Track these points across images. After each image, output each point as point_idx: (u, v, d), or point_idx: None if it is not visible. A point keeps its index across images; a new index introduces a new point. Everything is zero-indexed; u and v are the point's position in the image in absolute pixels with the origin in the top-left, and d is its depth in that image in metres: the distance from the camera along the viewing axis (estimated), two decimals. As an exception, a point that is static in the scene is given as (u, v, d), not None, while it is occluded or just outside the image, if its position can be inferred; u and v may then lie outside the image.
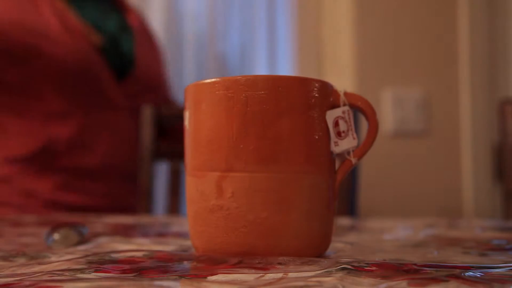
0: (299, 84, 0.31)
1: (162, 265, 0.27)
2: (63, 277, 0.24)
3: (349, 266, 0.26)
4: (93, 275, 0.25)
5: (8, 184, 0.85)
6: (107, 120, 0.89)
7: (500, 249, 0.35)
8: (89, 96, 0.87)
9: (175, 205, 0.93)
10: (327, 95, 0.32)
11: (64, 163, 0.86)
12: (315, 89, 0.31)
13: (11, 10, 0.83)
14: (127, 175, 0.92)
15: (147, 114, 0.90)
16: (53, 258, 0.30)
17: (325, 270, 0.25)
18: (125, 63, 0.93)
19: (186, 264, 0.28)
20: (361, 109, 0.32)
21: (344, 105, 0.32)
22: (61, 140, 0.85)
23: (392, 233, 0.46)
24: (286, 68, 1.37)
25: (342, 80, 1.31)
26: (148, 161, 0.89)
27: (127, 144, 0.92)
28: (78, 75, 0.85)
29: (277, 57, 1.38)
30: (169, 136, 0.99)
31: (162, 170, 1.12)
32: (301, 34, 1.38)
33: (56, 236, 0.37)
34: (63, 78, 0.85)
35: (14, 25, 0.81)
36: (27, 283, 0.23)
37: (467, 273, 0.25)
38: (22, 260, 0.30)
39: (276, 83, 0.30)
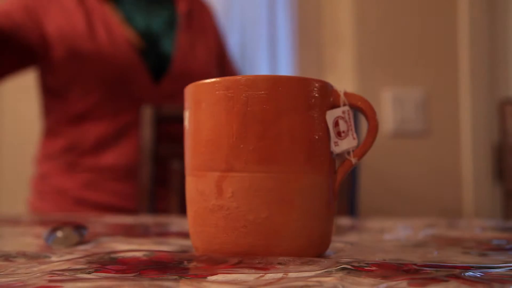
0: (299, 84, 0.31)
1: (162, 265, 0.27)
2: (63, 277, 0.24)
3: (349, 266, 0.26)
4: (93, 275, 0.25)
5: (47, 180, 0.91)
6: (137, 121, 0.89)
7: (500, 249, 0.35)
8: (122, 99, 0.88)
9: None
10: (327, 95, 0.32)
11: (90, 163, 0.88)
12: (315, 89, 0.31)
13: (62, 22, 0.86)
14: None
15: (147, 114, 0.90)
16: (53, 258, 0.30)
17: (325, 270, 0.25)
18: (164, 62, 0.92)
19: (186, 264, 0.28)
20: (361, 109, 0.32)
21: (344, 105, 0.32)
22: (88, 140, 0.88)
23: (392, 233, 0.46)
24: (286, 68, 1.37)
25: (342, 80, 1.31)
26: (148, 161, 0.89)
27: None
28: (114, 80, 0.87)
29: (277, 57, 1.38)
30: None
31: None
32: (302, 34, 1.38)
33: (56, 236, 0.37)
34: (99, 82, 0.87)
35: (63, 35, 0.85)
36: (27, 283, 0.23)
37: (467, 273, 0.25)
38: (22, 260, 0.30)
39: (276, 83, 0.30)
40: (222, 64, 1.06)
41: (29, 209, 0.93)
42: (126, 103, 0.89)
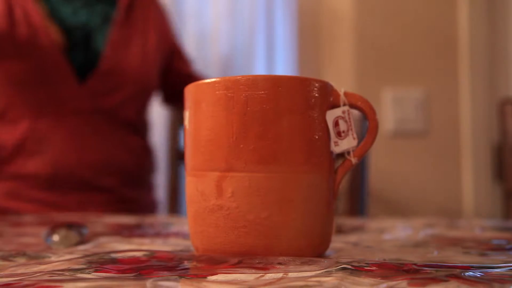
0: (299, 84, 0.31)
1: (162, 265, 0.27)
2: (63, 277, 0.24)
3: (349, 266, 0.26)
4: (93, 275, 0.25)
5: None
6: (60, 124, 0.82)
7: (500, 249, 0.35)
8: (41, 100, 0.81)
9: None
10: (327, 95, 0.32)
11: (11, 170, 0.82)
12: (315, 89, 0.31)
13: None
14: (89, 185, 0.84)
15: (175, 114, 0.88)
16: (53, 258, 0.30)
17: (325, 270, 0.25)
18: (93, 59, 0.85)
19: (186, 264, 0.28)
20: (361, 109, 0.32)
21: (344, 105, 0.32)
22: (7, 146, 0.82)
23: (392, 233, 0.46)
24: (286, 68, 1.37)
25: (342, 80, 1.31)
26: (175, 162, 0.87)
27: (87, 151, 0.84)
28: (32, 79, 0.80)
29: (276, 57, 1.38)
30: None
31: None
32: (301, 34, 1.38)
33: (56, 236, 0.37)
34: (15, 81, 0.81)
35: None
36: (27, 283, 0.23)
37: (467, 273, 0.25)
38: (22, 260, 0.30)
39: (276, 83, 0.30)
40: (170, 62, 0.98)
41: None
42: (47, 105, 0.81)
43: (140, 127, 0.93)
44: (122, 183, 0.88)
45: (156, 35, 0.94)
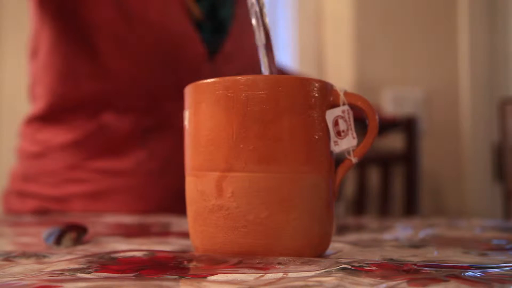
0: (299, 84, 0.31)
1: (162, 265, 0.27)
2: (63, 277, 0.24)
3: (349, 266, 0.26)
4: (93, 275, 0.25)
5: None
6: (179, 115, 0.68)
7: (500, 249, 0.35)
8: (164, 83, 0.68)
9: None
10: (327, 95, 0.32)
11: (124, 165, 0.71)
12: (315, 89, 0.31)
13: None
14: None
15: None
16: (53, 258, 0.30)
17: (325, 270, 0.25)
18: (219, 34, 0.71)
19: (186, 264, 0.28)
20: (361, 108, 0.32)
21: (344, 104, 0.32)
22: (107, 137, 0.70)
23: (392, 233, 0.46)
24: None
25: (342, 80, 1.31)
26: None
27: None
28: (157, 57, 0.67)
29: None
30: None
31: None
32: (301, 34, 1.38)
33: (56, 236, 0.37)
34: (134, 59, 0.66)
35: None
36: (27, 283, 0.23)
37: (467, 273, 0.25)
38: (22, 260, 0.30)
39: (276, 83, 0.30)
40: None
41: None
42: (170, 88, 0.67)
43: None
44: None
45: None
